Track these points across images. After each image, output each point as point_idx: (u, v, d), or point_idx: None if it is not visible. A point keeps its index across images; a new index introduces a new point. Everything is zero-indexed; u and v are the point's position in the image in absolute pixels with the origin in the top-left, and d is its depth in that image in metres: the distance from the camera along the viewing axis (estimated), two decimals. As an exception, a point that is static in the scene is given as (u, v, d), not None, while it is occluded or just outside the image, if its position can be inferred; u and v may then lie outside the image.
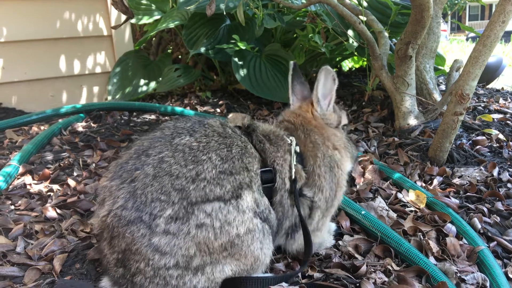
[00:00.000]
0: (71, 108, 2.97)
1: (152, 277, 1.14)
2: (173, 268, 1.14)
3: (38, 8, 3.53)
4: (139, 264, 1.14)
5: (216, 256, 1.18)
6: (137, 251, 1.13)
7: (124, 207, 1.15)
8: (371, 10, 2.92)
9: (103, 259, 1.23)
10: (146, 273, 1.14)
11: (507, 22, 1.96)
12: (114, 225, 1.15)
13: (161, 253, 1.13)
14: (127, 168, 1.22)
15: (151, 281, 1.15)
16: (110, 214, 1.17)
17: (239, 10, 2.52)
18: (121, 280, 1.18)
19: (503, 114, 2.86)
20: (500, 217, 1.77)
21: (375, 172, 2.09)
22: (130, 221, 1.13)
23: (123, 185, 1.18)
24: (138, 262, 1.14)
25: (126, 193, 1.17)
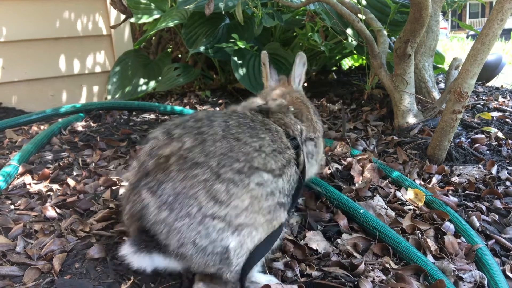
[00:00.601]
0: (70, 108, 2.98)
1: (196, 225, 1.17)
2: (219, 219, 1.18)
3: (38, 8, 3.54)
4: (191, 209, 1.16)
5: (259, 218, 1.25)
6: (193, 195, 1.17)
7: (191, 150, 1.22)
8: (370, 8, 2.92)
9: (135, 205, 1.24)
10: (193, 220, 1.16)
11: (505, 20, 1.96)
12: (175, 167, 1.19)
13: (216, 201, 1.17)
14: (188, 124, 1.32)
15: (193, 229, 1.17)
16: (175, 155, 1.22)
17: (237, 9, 2.52)
18: (157, 226, 1.18)
19: (502, 112, 2.86)
20: (498, 215, 1.78)
21: (374, 170, 2.09)
22: (197, 163, 1.19)
23: (189, 134, 1.26)
24: (190, 207, 1.16)
25: (194, 140, 1.25)
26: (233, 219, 1.20)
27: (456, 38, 14.54)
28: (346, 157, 2.23)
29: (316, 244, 1.57)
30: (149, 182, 1.22)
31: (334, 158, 2.23)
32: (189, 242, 1.17)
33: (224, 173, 1.20)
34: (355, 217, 1.72)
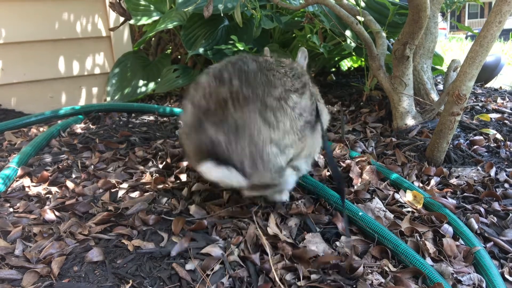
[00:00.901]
0: (70, 110, 2.98)
1: (261, 148, 1.43)
2: (273, 143, 1.44)
3: (37, 9, 3.54)
4: (253, 136, 1.41)
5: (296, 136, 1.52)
6: (252, 123, 1.41)
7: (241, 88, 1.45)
8: (368, 10, 2.92)
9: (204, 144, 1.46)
10: (258, 143, 1.42)
11: (503, 23, 1.96)
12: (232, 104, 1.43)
13: (269, 125, 1.44)
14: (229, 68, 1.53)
15: (259, 151, 1.43)
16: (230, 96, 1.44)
17: (236, 12, 2.52)
18: (231, 155, 1.42)
19: (501, 113, 2.87)
20: (497, 218, 1.78)
21: (373, 172, 2.09)
22: (247, 97, 1.43)
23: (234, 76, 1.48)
24: (252, 134, 1.41)
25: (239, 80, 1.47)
26: (281, 141, 1.46)
27: (455, 39, 14.54)
28: (345, 159, 2.24)
29: (315, 247, 1.57)
30: (212, 121, 1.45)
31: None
32: (259, 162, 1.44)
33: (269, 101, 1.45)
34: (354, 219, 1.72)
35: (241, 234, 1.63)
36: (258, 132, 1.41)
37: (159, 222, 1.68)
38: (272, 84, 1.49)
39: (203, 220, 1.67)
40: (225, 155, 1.43)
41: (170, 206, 1.81)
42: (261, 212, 1.75)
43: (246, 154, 1.42)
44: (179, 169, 2.15)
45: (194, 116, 1.50)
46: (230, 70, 1.51)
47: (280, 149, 1.47)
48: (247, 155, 1.42)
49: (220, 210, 1.78)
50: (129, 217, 1.71)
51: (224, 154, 1.43)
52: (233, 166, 1.43)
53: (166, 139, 2.61)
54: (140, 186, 1.99)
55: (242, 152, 1.42)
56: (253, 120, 1.41)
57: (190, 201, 1.86)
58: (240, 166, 1.44)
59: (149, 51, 4.50)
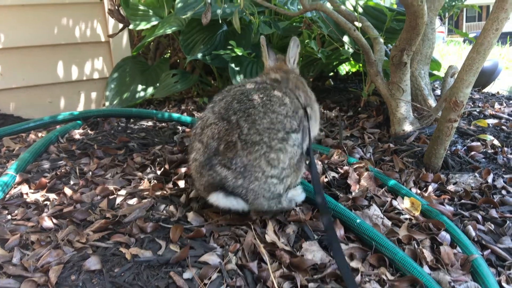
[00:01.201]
0: (68, 115, 2.98)
1: (263, 184, 1.62)
2: (274, 177, 1.64)
3: (36, 14, 3.54)
4: (258, 174, 1.61)
5: (292, 169, 1.71)
6: (257, 164, 1.60)
7: (248, 133, 1.62)
8: (366, 16, 2.93)
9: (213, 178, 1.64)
10: (260, 181, 1.62)
11: (500, 30, 1.97)
12: (240, 147, 1.60)
13: (271, 166, 1.63)
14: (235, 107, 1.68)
15: (261, 187, 1.62)
16: (239, 139, 1.61)
17: (235, 18, 2.53)
18: (238, 189, 1.61)
19: (498, 119, 2.87)
20: (494, 225, 1.79)
21: (371, 179, 2.10)
22: (255, 142, 1.61)
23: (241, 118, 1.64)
24: (257, 173, 1.61)
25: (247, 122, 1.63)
26: (280, 175, 1.66)
27: (453, 42, 14.58)
28: (343, 165, 2.24)
29: (313, 255, 1.57)
30: (221, 160, 1.62)
31: (331, 166, 2.24)
32: (260, 196, 1.64)
33: (274, 145, 1.63)
34: (351, 226, 1.72)
35: (239, 241, 1.63)
36: (263, 172, 1.62)
37: (157, 229, 1.69)
38: (276, 128, 1.66)
39: (201, 228, 1.67)
40: (231, 188, 1.62)
41: (168, 213, 1.81)
42: (259, 219, 1.75)
43: (251, 189, 1.62)
44: (177, 176, 2.15)
45: (204, 155, 1.66)
46: (236, 110, 1.68)
47: (278, 178, 1.66)
48: (252, 190, 1.62)
49: (218, 217, 1.78)
50: (127, 224, 1.71)
51: (230, 187, 1.62)
52: (239, 196, 1.64)
53: (164, 144, 2.61)
54: (138, 192, 1.99)
55: (248, 188, 1.62)
56: (259, 162, 1.61)
57: (188, 208, 1.86)
58: (244, 197, 1.63)
59: (148, 55, 4.50)
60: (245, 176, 1.60)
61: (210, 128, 1.68)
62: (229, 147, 1.62)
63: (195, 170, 1.71)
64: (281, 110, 1.71)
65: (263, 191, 1.63)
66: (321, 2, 2.50)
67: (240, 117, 1.65)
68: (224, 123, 1.66)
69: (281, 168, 1.65)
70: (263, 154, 1.61)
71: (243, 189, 1.62)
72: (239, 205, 1.65)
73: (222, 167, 1.62)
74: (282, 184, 1.69)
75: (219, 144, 1.63)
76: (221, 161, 1.62)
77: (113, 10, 2.24)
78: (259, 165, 1.61)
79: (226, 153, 1.62)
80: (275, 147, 1.63)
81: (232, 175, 1.61)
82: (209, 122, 1.70)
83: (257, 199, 1.64)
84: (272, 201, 1.68)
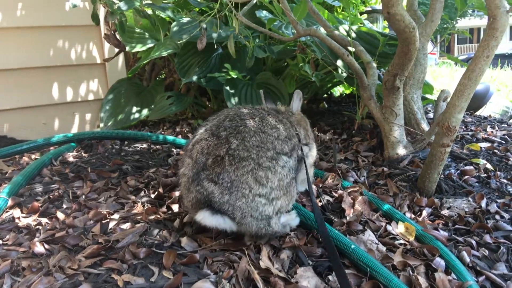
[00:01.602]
0: (62, 137, 2.98)
1: (250, 202, 1.61)
2: (262, 196, 1.63)
3: (32, 36, 3.56)
4: (245, 191, 1.60)
5: (282, 192, 1.69)
6: (245, 181, 1.60)
7: (237, 148, 1.63)
8: (359, 41, 2.98)
9: (200, 194, 1.63)
10: (248, 198, 1.60)
11: (491, 57, 2.01)
12: (228, 162, 1.61)
13: (260, 184, 1.62)
14: (227, 125, 1.71)
15: (249, 205, 1.61)
16: (227, 154, 1.62)
17: (230, 43, 2.56)
18: (224, 206, 1.60)
19: (490, 142, 2.90)
20: (488, 250, 1.78)
21: (365, 203, 2.10)
22: (243, 158, 1.61)
23: (231, 135, 1.66)
24: (244, 189, 1.60)
25: (236, 139, 1.65)
26: (269, 195, 1.64)
27: (445, 64, 14.79)
28: (337, 189, 2.24)
29: (307, 281, 1.56)
30: (209, 175, 1.62)
31: (325, 190, 2.24)
32: (248, 215, 1.62)
33: (263, 162, 1.63)
34: (346, 252, 1.71)
35: (232, 267, 1.61)
36: (250, 189, 1.61)
37: (150, 255, 1.67)
38: (265, 147, 1.67)
39: (194, 254, 1.65)
40: (218, 204, 1.61)
41: (161, 238, 1.80)
42: (253, 245, 1.74)
43: (238, 206, 1.60)
44: (171, 199, 2.14)
45: (193, 170, 1.66)
46: (227, 127, 1.70)
47: (267, 199, 1.65)
48: (238, 207, 1.61)
49: (211, 242, 1.77)
50: (120, 250, 1.69)
51: (217, 203, 1.61)
52: (226, 214, 1.62)
53: (158, 167, 2.60)
54: (132, 217, 1.98)
55: (234, 205, 1.60)
56: (246, 178, 1.60)
57: (182, 233, 1.85)
58: (231, 215, 1.62)
59: (143, 76, 4.53)
60: (231, 192, 1.59)
61: (200, 143, 1.69)
62: (217, 161, 1.62)
63: (184, 186, 1.71)
64: (272, 132, 1.73)
65: (251, 210, 1.61)
66: (314, 28, 2.55)
67: (229, 133, 1.67)
68: (214, 139, 1.68)
69: (270, 187, 1.64)
70: (250, 171, 1.61)
71: (230, 206, 1.60)
72: (226, 224, 1.63)
73: (209, 181, 1.61)
74: (272, 206, 1.66)
75: (207, 159, 1.64)
76: (209, 176, 1.62)
77: (109, 35, 2.26)
78: (246, 181, 1.60)
79: (214, 168, 1.62)
80: (263, 165, 1.63)
81: (219, 190, 1.60)
82: (199, 138, 1.72)
83: (245, 218, 1.62)
84: (261, 222, 1.65)
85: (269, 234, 1.72)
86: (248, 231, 1.67)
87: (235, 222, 1.63)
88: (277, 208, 1.69)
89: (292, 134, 1.84)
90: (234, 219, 1.62)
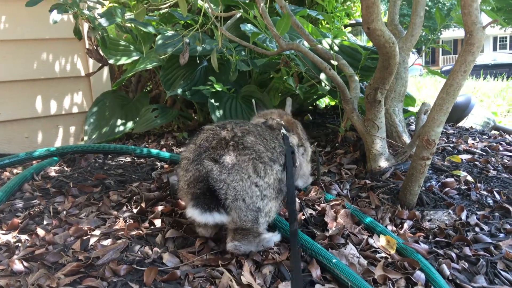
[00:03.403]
0: (45, 151, 2.95)
1: (246, 188, 1.67)
2: (258, 187, 1.70)
3: (16, 50, 3.54)
4: (243, 175, 1.67)
5: (274, 193, 1.78)
6: (245, 167, 1.69)
7: (242, 137, 1.77)
8: (342, 54, 3.02)
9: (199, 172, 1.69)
10: (244, 183, 1.67)
11: (468, 72, 2.05)
12: (232, 146, 1.72)
13: (258, 174, 1.71)
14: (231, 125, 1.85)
15: (243, 189, 1.67)
16: (232, 139, 1.75)
17: (212, 57, 2.58)
18: (220, 184, 1.65)
19: (471, 154, 2.95)
20: (468, 263, 1.80)
21: (347, 216, 2.11)
22: (246, 147, 1.73)
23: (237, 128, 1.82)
24: (242, 174, 1.67)
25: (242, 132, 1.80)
26: (263, 190, 1.72)
27: (429, 75, 15.01)
28: (320, 203, 2.25)
29: (288, 297, 1.56)
30: (210, 154, 1.70)
31: (308, 204, 2.25)
32: (240, 198, 1.66)
33: (264, 157, 1.75)
34: (328, 266, 1.72)
35: (214, 283, 1.61)
36: (248, 176, 1.68)
37: (130, 272, 1.65)
38: (266, 147, 1.81)
39: (176, 270, 1.65)
40: (214, 180, 1.66)
41: (142, 254, 1.79)
42: (235, 260, 1.74)
43: (233, 186, 1.66)
44: (153, 214, 2.13)
45: (195, 152, 1.75)
46: (233, 124, 1.86)
47: (261, 192, 1.71)
48: (233, 187, 1.66)
49: (193, 257, 1.76)
50: (100, 267, 1.67)
51: (214, 179, 1.66)
52: (217, 197, 1.66)
53: (142, 181, 2.59)
54: (113, 232, 1.96)
55: (230, 184, 1.66)
56: (246, 165, 1.69)
57: (164, 249, 1.84)
58: (224, 196, 1.66)
59: (129, 88, 4.52)
60: (230, 172, 1.66)
61: (206, 132, 1.83)
62: (221, 144, 1.73)
63: (183, 168, 1.78)
64: (271, 142, 1.88)
65: (245, 194, 1.67)
66: (297, 42, 2.58)
67: (235, 126, 1.83)
68: (220, 129, 1.82)
69: (266, 182, 1.73)
70: (251, 159, 1.70)
71: (225, 184, 1.65)
72: (215, 218, 1.68)
73: (210, 160, 1.69)
74: (263, 201, 1.72)
75: (211, 142, 1.74)
76: (210, 155, 1.70)
77: (92, 50, 2.26)
78: (247, 168, 1.68)
79: (217, 149, 1.71)
80: (264, 159, 1.74)
81: (219, 168, 1.66)
82: (206, 129, 1.86)
83: (237, 201, 1.66)
84: (250, 212, 1.70)
85: (253, 232, 1.74)
86: (235, 219, 1.70)
87: (225, 208, 1.67)
88: (267, 208, 1.75)
89: (283, 152, 1.94)
90: (224, 202, 1.66)
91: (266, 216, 1.77)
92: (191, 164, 1.73)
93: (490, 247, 1.90)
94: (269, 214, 1.79)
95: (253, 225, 1.73)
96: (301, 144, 2.24)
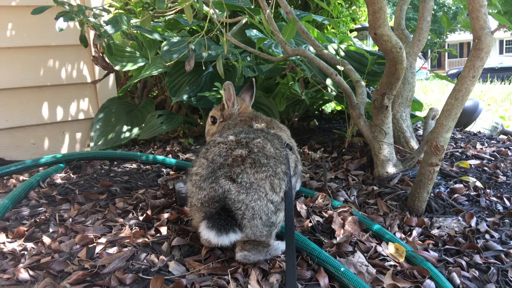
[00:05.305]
0: (51, 158, 2.95)
1: (263, 206, 1.65)
2: (273, 203, 1.68)
3: (22, 56, 3.56)
4: (261, 194, 1.64)
5: (283, 205, 1.74)
6: (263, 185, 1.66)
7: (258, 154, 1.72)
8: (348, 59, 3.00)
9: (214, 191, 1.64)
10: (261, 202, 1.64)
11: (477, 77, 2.03)
12: (249, 164, 1.67)
13: (274, 191, 1.68)
14: (243, 136, 1.82)
15: (261, 208, 1.64)
16: (249, 156, 1.70)
17: (218, 64, 2.57)
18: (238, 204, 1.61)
19: (480, 159, 2.91)
20: (478, 271, 1.77)
21: (355, 223, 2.09)
22: (262, 164, 1.69)
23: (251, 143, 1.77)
24: (260, 193, 1.65)
25: (256, 147, 1.75)
26: (277, 205, 1.70)
27: (436, 79, 14.93)
28: (328, 209, 2.23)
29: (296, 306, 1.54)
30: (227, 172, 1.65)
31: (315, 211, 2.22)
32: (257, 217, 1.64)
33: (279, 173, 1.72)
34: (336, 275, 1.69)
35: (220, 293, 1.59)
36: (265, 194, 1.66)
37: (136, 281, 1.64)
38: (280, 161, 1.78)
39: (182, 279, 1.63)
40: (232, 203, 1.62)
41: (148, 262, 1.77)
42: (242, 268, 1.72)
43: (251, 206, 1.63)
44: (159, 222, 2.11)
45: (209, 169, 1.70)
46: (245, 136, 1.82)
47: (275, 207, 1.69)
48: (252, 207, 1.63)
49: (200, 266, 1.74)
50: (106, 276, 1.66)
51: (232, 200, 1.62)
52: (233, 217, 1.63)
53: (148, 188, 2.58)
54: (119, 240, 1.95)
55: (248, 204, 1.63)
56: (264, 183, 1.66)
57: (170, 257, 1.82)
58: (241, 216, 1.63)
59: (135, 94, 4.53)
60: (248, 192, 1.63)
61: (217, 146, 1.76)
62: (237, 161, 1.68)
63: (194, 185, 1.72)
64: (283, 150, 1.88)
65: (262, 213, 1.64)
66: (303, 48, 2.56)
67: (249, 141, 1.78)
68: (233, 142, 1.77)
69: (280, 197, 1.71)
70: (268, 177, 1.67)
71: (244, 204, 1.62)
72: (231, 239, 1.62)
73: (226, 179, 1.64)
74: (276, 215, 1.70)
75: (226, 159, 1.69)
76: (227, 173, 1.65)
77: (97, 57, 2.26)
78: (264, 186, 1.65)
79: (233, 166, 1.66)
80: (279, 175, 1.71)
81: (237, 188, 1.62)
82: (217, 142, 1.80)
83: (254, 220, 1.63)
84: (265, 228, 1.68)
85: (263, 243, 1.73)
86: (249, 235, 1.67)
87: (241, 226, 1.63)
88: (278, 220, 1.73)
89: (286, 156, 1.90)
90: (241, 222, 1.62)
91: (277, 227, 1.76)
92: (205, 182, 1.67)
93: (501, 254, 1.88)
94: (279, 224, 1.77)
95: (267, 237, 1.72)
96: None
